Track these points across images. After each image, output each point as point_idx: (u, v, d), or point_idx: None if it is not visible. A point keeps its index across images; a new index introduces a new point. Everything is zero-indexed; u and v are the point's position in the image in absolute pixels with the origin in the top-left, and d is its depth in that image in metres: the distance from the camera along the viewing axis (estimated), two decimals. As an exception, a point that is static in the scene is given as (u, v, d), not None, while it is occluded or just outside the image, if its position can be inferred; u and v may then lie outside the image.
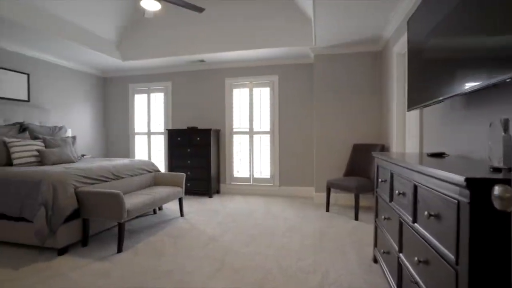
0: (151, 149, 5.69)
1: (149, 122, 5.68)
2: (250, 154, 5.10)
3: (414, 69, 2.17)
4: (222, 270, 2.19)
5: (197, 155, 4.87)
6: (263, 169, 5.07)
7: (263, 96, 5.04)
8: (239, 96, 5.16)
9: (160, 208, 4.00)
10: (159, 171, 3.98)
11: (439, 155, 1.74)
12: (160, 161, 5.62)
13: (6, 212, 2.57)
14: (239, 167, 5.20)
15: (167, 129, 5.03)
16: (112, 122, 5.92)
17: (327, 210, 3.86)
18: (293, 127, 4.91)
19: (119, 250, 2.53)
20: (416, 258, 1.18)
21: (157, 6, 3.07)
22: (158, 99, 5.65)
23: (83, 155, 4.82)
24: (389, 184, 1.79)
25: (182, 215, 3.67)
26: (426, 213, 1.10)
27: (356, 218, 3.48)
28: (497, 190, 0.59)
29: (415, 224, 1.29)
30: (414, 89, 2.17)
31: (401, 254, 1.51)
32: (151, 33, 4.69)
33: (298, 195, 4.89)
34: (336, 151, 4.33)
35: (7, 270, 2.21)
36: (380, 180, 2.07)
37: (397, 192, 1.57)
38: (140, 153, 5.77)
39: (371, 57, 4.20)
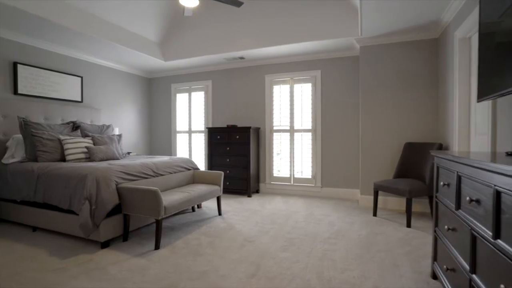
0: (191, 148, 5.78)
1: (190, 120, 5.78)
2: (291, 153, 4.91)
3: (488, 53, 1.80)
4: (257, 276, 2.05)
5: (236, 153, 4.81)
6: (304, 168, 4.84)
7: (304, 92, 4.81)
8: (279, 93, 4.99)
9: (199, 206, 4.00)
10: (198, 169, 3.98)
11: (525, 154, 1.40)
12: (200, 160, 5.68)
13: (58, 204, 2.72)
14: (279, 166, 5.03)
15: (207, 128, 5.06)
16: (156, 121, 6.15)
17: (375, 215, 3.52)
18: (336, 124, 4.61)
19: (157, 247, 2.53)
20: (503, 286, 0.91)
21: (195, 2, 3.04)
22: (198, 98, 5.72)
23: (128, 153, 5.04)
24: (455, 188, 1.49)
25: (220, 214, 3.61)
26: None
27: (409, 225, 3.10)
28: None
29: (498, 240, 1.01)
30: (487, 76, 1.81)
31: (474, 276, 1.22)
32: (191, 33, 4.74)
33: (342, 197, 4.57)
34: (385, 150, 3.94)
35: (54, 259, 2.32)
36: (441, 183, 1.75)
37: (467, 198, 1.28)
38: (181, 151, 5.90)
39: (426, 46, 3.75)
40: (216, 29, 4.57)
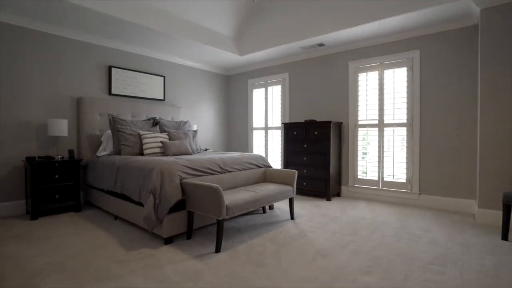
0: (268, 145, 5.54)
1: (266, 116, 5.55)
2: (380, 152, 4.13)
3: None
4: (329, 304, 1.58)
5: (314, 151, 4.33)
6: (397, 171, 4.00)
7: (397, 78, 3.98)
8: (366, 82, 4.27)
9: (271, 208, 3.69)
10: (270, 166, 3.67)
11: None
12: (277, 158, 5.39)
13: (131, 195, 2.79)
14: (365, 167, 4.31)
15: (282, 123, 4.72)
16: (234, 118, 6.14)
17: (505, 238, 2.55)
18: (440, 116, 3.64)
19: (217, 250, 2.31)
20: None
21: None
22: (275, 92, 5.44)
23: (206, 149, 5.11)
24: None
25: (292, 218, 3.22)
26: None
27: None
28: None
29: None
30: None
31: None
32: (265, 23, 4.48)
33: (448, 208, 3.59)
34: (520, 149, 2.86)
35: (121, 250, 2.33)
36: None
37: None
38: (257, 149, 5.73)
39: None
40: (292, 15, 4.18)
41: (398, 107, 3.97)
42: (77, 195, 3.48)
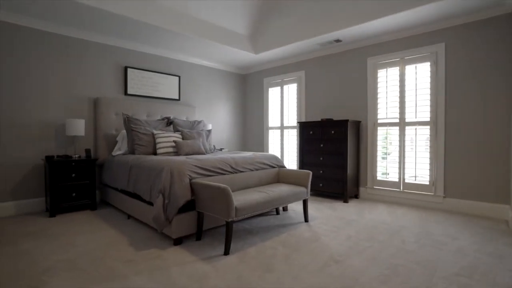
0: (283, 144, 5.43)
1: (282, 115, 5.44)
2: (401, 152, 3.92)
3: None
4: (340, 316, 1.47)
5: (331, 151, 4.17)
6: (420, 172, 3.77)
7: (420, 74, 3.75)
8: (386, 78, 4.06)
9: (284, 209, 3.59)
10: (283, 167, 3.57)
11: None
12: (293, 158, 5.26)
13: (142, 195, 2.78)
14: (385, 167, 4.10)
15: (298, 122, 4.60)
16: (250, 117, 6.08)
17: (541, 247, 2.31)
18: (468, 113, 3.39)
19: (226, 252, 2.24)
20: None
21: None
22: (291, 91, 5.32)
23: (221, 149, 5.08)
24: None
25: (306, 220, 3.10)
26: None
27: None
28: None
29: None
30: None
31: None
32: (280, 21, 4.37)
33: (478, 214, 3.33)
34: (560, 149, 2.59)
35: (130, 249, 2.32)
36: None
37: None
38: (273, 149, 5.63)
39: None
40: (307, 11, 4.05)
41: (420, 105, 3.74)
42: (93, 194, 3.54)
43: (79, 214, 3.36)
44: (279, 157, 5.46)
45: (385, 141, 4.08)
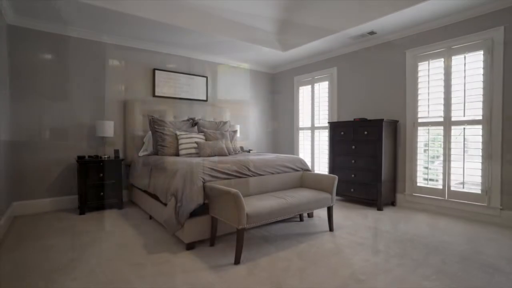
0: (314, 146, 5.14)
1: (313, 115, 5.16)
2: (445, 155, 3.44)
3: None
4: None
5: (364, 153, 3.82)
6: (469, 178, 3.27)
7: (470, 65, 3.25)
8: (427, 72, 3.60)
9: (310, 215, 3.34)
10: (308, 170, 3.33)
11: None
12: (324, 160, 4.96)
13: (160, 196, 2.76)
14: (427, 173, 3.64)
15: (328, 122, 4.30)
16: (280, 118, 5.88)
17: None
18: (533, 111, 2.84)
19: (236, 261, 2.10)
20: None
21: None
22: (322, 89, 5.02)
23: (249, 150, 4.96)
24: None
25: (331, 229, 2.84)
26: None
27: None
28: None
29: None
30: None
31: None
32: (308, 15, 4.11)
33: (545, 230, 2.77)
34: None
35: (142, 252, 2.28)
36: None
37: None
38: (303, 150, 5.37)
39: None
40: (336, 2, 3.74)
41: (470, 101, 3.24)
42: (119, 193, 3.64)
43: (106, 213, 3.47)
44: (310, 159, 5.19)
45: (427, 142, 3.62)
